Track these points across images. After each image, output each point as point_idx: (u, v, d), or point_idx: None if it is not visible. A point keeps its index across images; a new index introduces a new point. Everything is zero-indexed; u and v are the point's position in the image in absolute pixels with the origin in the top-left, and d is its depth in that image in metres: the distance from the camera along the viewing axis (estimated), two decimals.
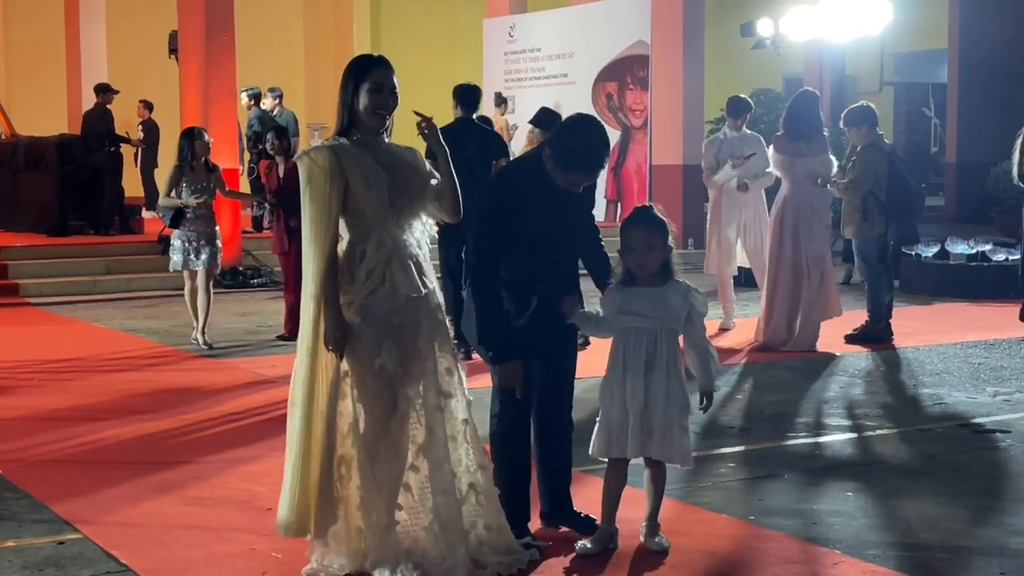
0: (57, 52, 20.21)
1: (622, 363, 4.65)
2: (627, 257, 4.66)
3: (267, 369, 8.84)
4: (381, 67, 4.41)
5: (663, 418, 4.64)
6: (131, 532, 5.05)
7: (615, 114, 18.11)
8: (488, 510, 4.53)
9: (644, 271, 4.65)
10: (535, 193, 4.65)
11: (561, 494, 4.99)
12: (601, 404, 4.72)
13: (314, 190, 4.27)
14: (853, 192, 9.54)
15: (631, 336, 4.65)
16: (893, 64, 28.14)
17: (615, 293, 4.69)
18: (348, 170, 4.28)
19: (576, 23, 18.85)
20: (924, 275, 13.14)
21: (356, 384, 4.33)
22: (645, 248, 4.63)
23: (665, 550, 4.70)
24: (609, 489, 4.76)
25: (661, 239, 4.64)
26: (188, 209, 9.75)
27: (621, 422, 4.63)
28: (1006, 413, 7.31)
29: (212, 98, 14.70)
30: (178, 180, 9.74)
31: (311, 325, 4.31)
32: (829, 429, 6.94)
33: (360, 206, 4.30)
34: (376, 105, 4.36)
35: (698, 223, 16.49)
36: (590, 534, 4.79)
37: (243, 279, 14.24)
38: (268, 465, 6.12)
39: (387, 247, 4.34)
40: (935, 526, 5.11)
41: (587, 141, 4.64)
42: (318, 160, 4.29)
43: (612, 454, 4.70)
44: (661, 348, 4.64)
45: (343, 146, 4.34)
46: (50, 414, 7.44)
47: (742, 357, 9.30)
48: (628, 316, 4.64)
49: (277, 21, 23.05)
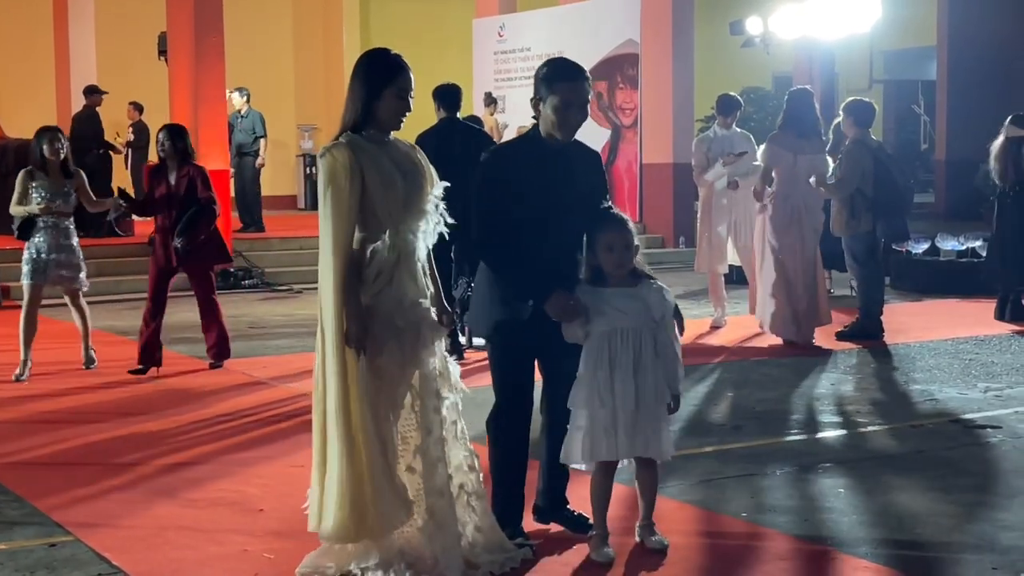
0: (46, 53, 20.15)
1: (608, 364, 4.60)
2: (606, 258, 4.62)
3: (259, 371, 8.83)
4: (405, 72, 4.39)
5: (653, 416, 4.63)
6: (123, 534, 5.05)
7: (605, 113, 18.12)
8: (479, 511, 4.53)
9: (623, 270, 4.63)
10: (528, 165, 4.62)
11: (560, 492, 4.99)
12: (588, 407, 4.61)
13: (336, 188, 4.24)
14: (841, 189, 9.56)
15: (616, 337, 4.60)
16: (882, 61, 28.20)
17: (586, 296, 4.62)
18: (366, 168, 4.27)
19: (565, 22, 18.85)
20: (914, 272, 13.17)
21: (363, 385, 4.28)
22: (623, 247, 4.61)
23: (665, 548, 4.70)
24: (601, 493, 4.72)
25: (633, 237, 4.64)
26: (39, 218, 8.61)
27: (610, 424, 4.59)
28: (997, 409, 7.33)
29: (201, 99, 14.68)
30: (27, 185, 8.65)
31: (336, 320, 4.25)
32: (821, 426, 6.95)
33: (373, 205, 4.28)
34: (400, 110, 4.37)
35: (688, 221, 16.54)
36: (583, 533, 4.79)
37: (234, 280, 14.21)
38: (261, 467, 6.13)
39: (397, 248, 4.33)
40: (927, 522, 5.12)
41: (563, 61, 4.73)
42: (339, 158, 4.26)
43: (601, 457, 4.64)
44: (647, 347, 4.63)
45: (360, 143, 4.32)
46: (41, 416, 7.43)
47: (733, 354, 9.31)
48: (608, 316, 4.60)
49: (266, 22, 23.02)
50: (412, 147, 4.54)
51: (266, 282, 14.33)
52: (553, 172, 4.65)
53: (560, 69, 4.68)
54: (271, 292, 13.92)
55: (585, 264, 4.70)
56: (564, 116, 4.61)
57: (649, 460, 4.72)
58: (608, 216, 4.68)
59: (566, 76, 4.64)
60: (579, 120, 4.67)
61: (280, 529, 5.03)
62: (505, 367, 4.76)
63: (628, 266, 4.64)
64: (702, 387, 8.10)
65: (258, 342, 10.27)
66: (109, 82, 17.68)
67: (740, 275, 11.15)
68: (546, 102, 4.63)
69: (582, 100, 4.63)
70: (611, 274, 4.64)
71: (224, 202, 14.67)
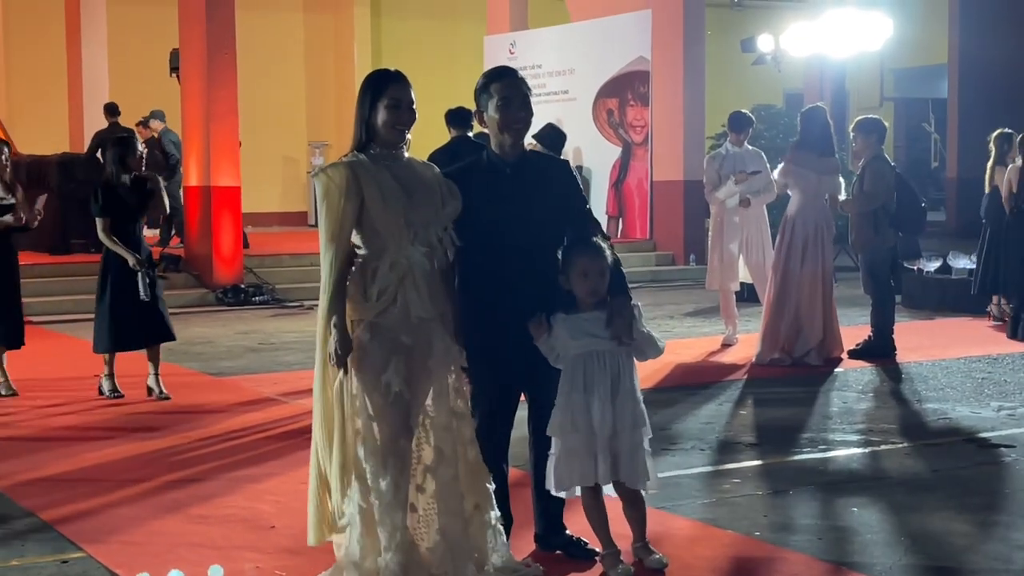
0: (59, 71, 20.24)
1: (583, 388, 4.57)
2: (579, 283, 4.59)
3: (270, 387, 8.82)
4: (399, 82, 4.38)
5: (630, 440, 4.60)
6: (135, 550, 5.04)
7: (616, 130, 18.13)
8: (492, 530, 4.50)
9: (596, 296, 4.61)
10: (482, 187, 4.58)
11: (557, 518, 4.93)
12: (560, 433, 4.58)
13: (329, 206, 4.25)
14: (869, 203, 9.49)
15: (592, 360, 4.58)
16: (893, 79, 28.18)
17: (563, 323, 4.57)
18: (365, 187, 4.26)
19: (577, 40, 18.88)
20: (926, 290, 13.13)
21: (366, 401, 4.30)
22: (598, 274, 4.59)
23: (664, 566, 4.67)
24: (596, 515, 4.68)
25: (607, 264, 4.61)
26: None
27: (586, 449, 4.55)
28: (1011, 428, 7.29)
29: (213, 116, 14.71)
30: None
31: (321, 337, 4.32)
32: (834, 444, 6.92)
33: (375, 223, 4.27)
34: (394, 121, 4.33)
35: (699, 239, 16.51)
36: (584, 558, 4.76)
37: (245, 296, 14.23)
38: (272, 483, 6.12)
39: (401, 267, 4.30)
40: (941, 541, 5.10)
41: (494, 68, 4.77)
42: (335, 178, 4.26)
43: (578, 483, 4.61)
44: (625, 369, 4.61)
45: (361, 162, 4.32)
46: (52, 433, 7.43)
47: (745, 372, 9.29)
48: (583, 341, 4.56)
49: (278, 39, 23.08)
50: (428, 166, 4.52)
51: (276, 298, 14.35)
52: (510, 190, 4.61)
53: (493, 72, 4.73)
54: (281, 308, 13.93)
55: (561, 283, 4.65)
56: (506, 113, 4.60)
57: (631, 490, 4.67)
58: (584, 244, 4.63)
59: (500, 76, 4.68)
60: (523, 117, 4.64)
61: (292, 546, 5.01)
62: (477, 395, 4.67)
63: (601, 293, 4.61)
64: (714, 405, 8.07)
65: (269, 358, 10.27)
66: (121, 98, 17.72)
67: (752, 293, 11.12)
68: (488, 108, 4.63)
69: (521, 95, 4.62)
70: (585, 301, 4.61)
71: (236, 218, 14.74)
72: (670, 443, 6.85)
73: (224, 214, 14.72)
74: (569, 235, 4.68)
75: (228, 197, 14.82)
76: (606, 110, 18.28)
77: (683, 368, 9.49)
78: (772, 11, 24.38)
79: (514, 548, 4.64)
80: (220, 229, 14.67)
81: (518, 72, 4.70)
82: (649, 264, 17.13)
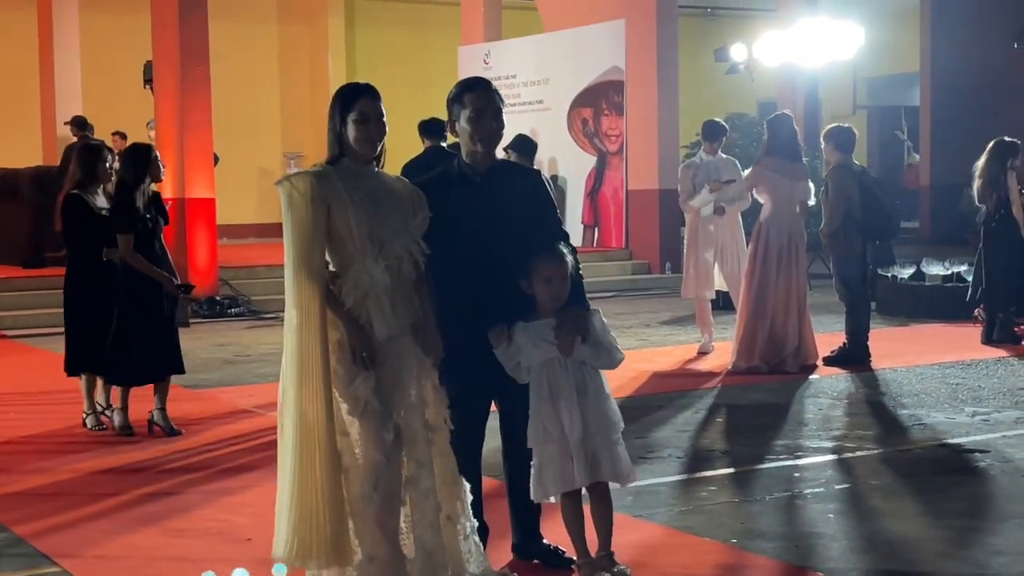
0: (31, 83, 20.15)
1: (548, 396, 4.57)
2: (542, 289, 4.58)
3: (246, 399, 8.79)
4: (367, 96, 4.36)
5: (605, 439, 4.60)
6: (111, 565, 5.01)
7: (591, 140, 18.16)
8: (467, 540, 4.49)
9: (558, 303, 4.60)
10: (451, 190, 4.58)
11: (533, 527, 4.92)
12: (535, 443, 4.58)
13: (295, 217, 4.19)
14: (833, 219, 9.54)
15: (555, 366, 4.58)
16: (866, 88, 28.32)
17: (523, 332, 4.57)
18: (330, 198, 4.24)
19: (551, 50, 18.92)
20: (900, 297, 13.19)
21: (346, 418, 4.26)
22: (560, 279, 4.60)
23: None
24: (575, 524, 4.67)
25: (569, 270, 4.61)
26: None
27: (563, 455, 4.55)
28: (985, 433, 7.33)
29: (187, 127, 14.66)
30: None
31: (295, 355, 4.19)
32: (809, 451, 6.94)
33: (340, 236, 4.25)
34: (363, 135, 4.31)
35: (675, 247, 16.56)
36: (561, 567, 4.76)
37: (220, 308, 14.18)
38: (249, 495, 6.09)
39: (363, 284, 4.24)
40: (918, 547, 5.12)
41: (467, 79, 4.78)
42: (299, 186, 4.23)
43: (560, 489, 4.60)
44: (588, 371, 4.61)
45: (326, 173, 4.29)
46: (26, 447, 7.38)
47: (720, 380, 9.31)
48: (542, 348, 4.56)
49: (252, 50, 23.05)
50: (400, 180, 4.48)
51: (252, 310, 14.31)
52: (480, 200, 4.60)
53: (466, 83, 4.72)
54: (257, 320, 13.89)
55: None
56: (478, 125, 4.59)
57: (601, 487, 4.66)
58: (549, 250, 4.62)
59: (472, 87, 4.67)
60: (495, 128, 4.63)
61: (269, 558, 4.96)
62: (451, 405, 4.54)
63: (564, 299, 4.62)
64: (690, 413, 8.09)
65: (244, 370, 10.23)
66: (95, 111, 17.67)
67: (727, 301, 11.15)
68: (460, 118, 4.63)
69: (494, 107, 4.62)
70: (544, 306, 4.61)
71: (210, 230, 14.70)
72: (646, 451, 6.86)
73: (199, 226, 14.67)
74: (536, 243, 4.67)
75: (203, 209, 14.78)
76: (581, 120, 18.32)
77: (659, 376, 9.51)
78: (745, 20, 24.51)
79: (491, 558, 4.63)
80: (195, 241, 14.62)
81: (491, 83, 4.71)
82: (625, 273, 17.17)
